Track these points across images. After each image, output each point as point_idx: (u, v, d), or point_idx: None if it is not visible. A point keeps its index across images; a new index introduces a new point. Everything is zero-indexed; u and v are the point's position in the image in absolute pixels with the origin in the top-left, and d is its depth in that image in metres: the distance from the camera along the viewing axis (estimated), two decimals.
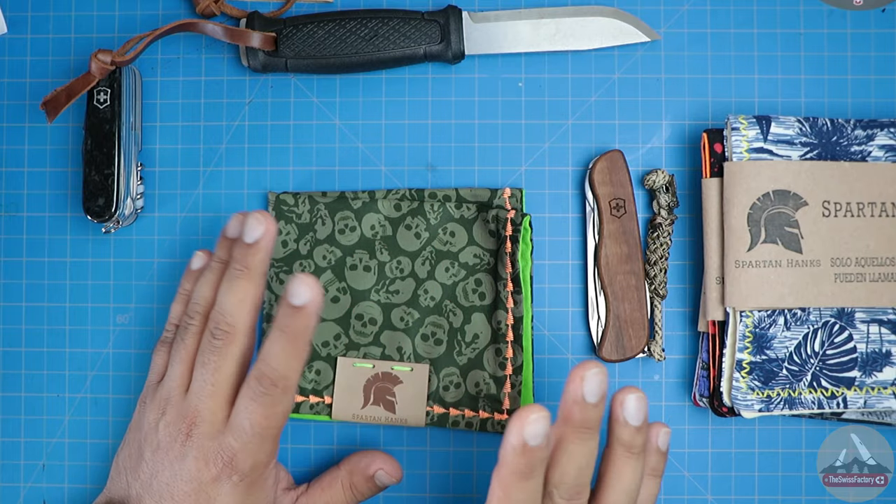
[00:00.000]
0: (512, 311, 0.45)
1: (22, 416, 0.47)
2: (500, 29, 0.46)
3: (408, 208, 0.46)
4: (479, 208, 0.46)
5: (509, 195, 0.46)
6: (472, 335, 0.46)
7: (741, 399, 0.43)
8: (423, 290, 0.46)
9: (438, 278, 0.46)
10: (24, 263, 0.47)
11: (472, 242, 0.46)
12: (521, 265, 0.45)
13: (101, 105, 0.45)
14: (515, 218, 0.45)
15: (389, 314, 0.46)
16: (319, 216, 0.46)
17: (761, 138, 0.43)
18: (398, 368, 0.45)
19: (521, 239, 0.45)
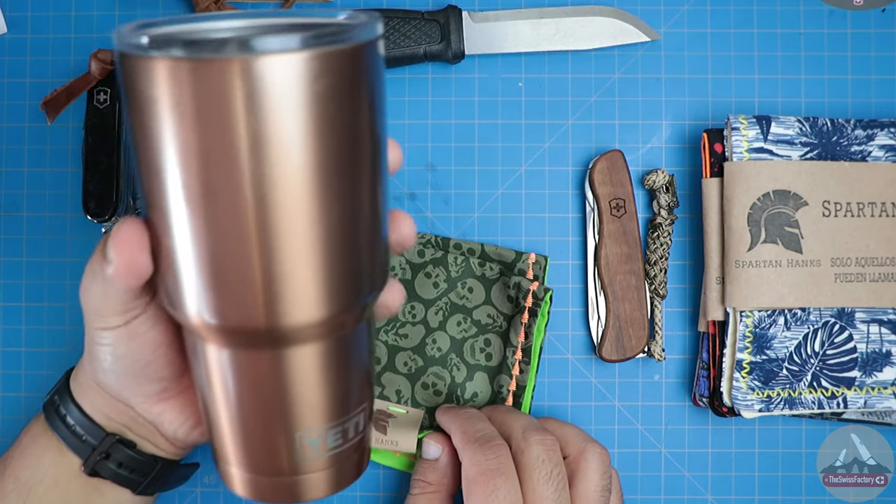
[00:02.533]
0: (516, 378, 0.45)
1: (22, 416, 0.47)
2: (500, 29, 0.46)
3: (430, 256, 0.46)
4: (502, 270, 0.46)
5: (533, 261, 0.45)
6: (472, 393, 0.45)
7: (741, 399, 0.43)
8: (432, 340, 0.45)
9: (449, 331, 0.45)
10: (24, 263, 0.47)
11: (488, 302, 0.46)
12: (534, 337, 0.45)
13: (101, 105, 0.45)
14: (538, 291, 0.44)
15: (395, 357, 0.46)
16: None
17: (761, 138, 0.43)
18: (393, 409, 0.45)
19: (539, 312, 0.44)
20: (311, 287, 0.25)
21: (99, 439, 0.36)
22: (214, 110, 0.22)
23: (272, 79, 0.22)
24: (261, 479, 0.30)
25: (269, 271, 0.25)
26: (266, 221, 0.24)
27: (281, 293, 0.25)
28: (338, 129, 0.24)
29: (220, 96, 0.22)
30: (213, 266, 0.25)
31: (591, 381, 0.47)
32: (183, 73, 0.22)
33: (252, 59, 0.22)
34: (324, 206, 0.25)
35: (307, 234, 0.25)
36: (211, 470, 0.47)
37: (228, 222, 0.24)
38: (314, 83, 0.23)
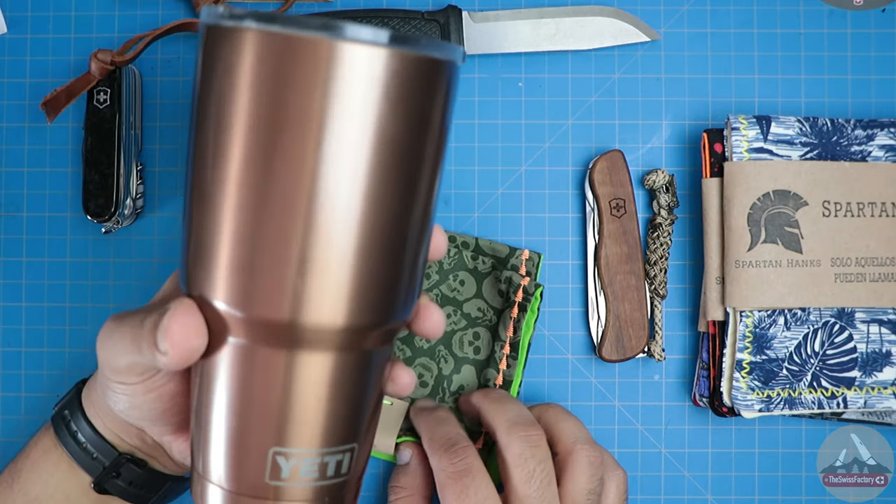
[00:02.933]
0: (503, 373, 0.44)
1: (22, 416, 0.47)
2: (500, 29, 0.46)
3: None
4: (495, 265, 0.46)
5: (527, 258, 0.45)
6: (458, 386, 0.45)
7: (741, 399, 0.43)
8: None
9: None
10: (24, 263, 0.47)
11: (479, 296, 0.46)
12: (522, 332, 0.45)
13: (101, 105, 0.45)
14: (528, 287, 0.44)
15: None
16: None
17: (761, 138, 0.43)
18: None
19: (529, 308, 0.44)
20: (341, 290, 0.25)
21: (110, 458, 0.36)
22: (293, 86, 0.23)
23: (354, 66, 0.23)
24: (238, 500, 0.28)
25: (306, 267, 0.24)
26: (315, 207, 0.24)
27: (311, 287, 0.25)
28: (406, 136, 0.25)
29: (302, 73, 0.23)
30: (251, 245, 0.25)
31: (591, 381, 0.47)
32: (272, 44, 0.23)
33: (341, 42, 0.23)
34: (375, 208, 0.25)
35: (351, 232, 0.25)
36: None
37: (279, 200, 0.24)
38: (394, 82, 0.24)
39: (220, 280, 0.26)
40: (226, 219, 0.25)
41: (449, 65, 0.25)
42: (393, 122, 0.24)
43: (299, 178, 0.24)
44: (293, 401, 0.27)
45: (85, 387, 0.37)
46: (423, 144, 0.25)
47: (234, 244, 0.25)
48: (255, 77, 0.23)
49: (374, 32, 0.23)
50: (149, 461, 0.37)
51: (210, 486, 0.29)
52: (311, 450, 0.28)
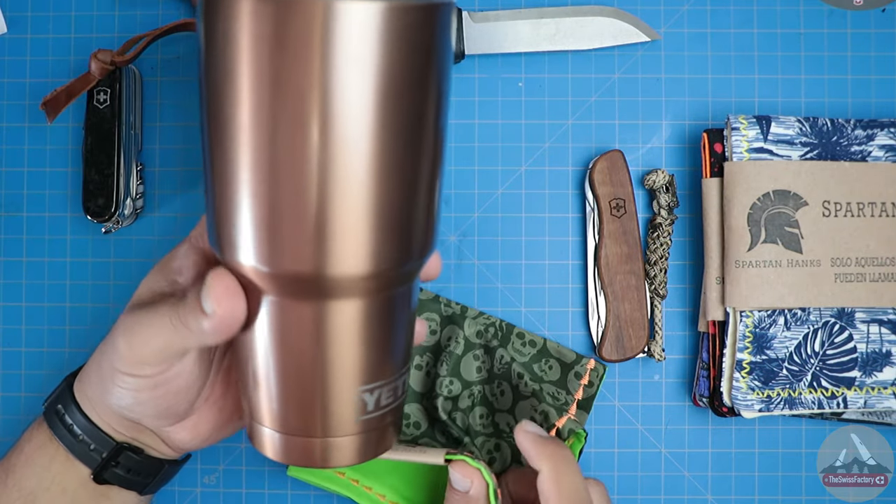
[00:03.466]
0: None
1: (22, 416, 0.47)
2: (500, 29, 0.46)
3: (487, 340, 0.45)
4: (562, 368, 0.45)
5: (592, 367, 0.45)
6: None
7: (741, 399, 0.43)
8: (452, 420, 0.44)
9: (470, 421, 0.44)
10: (24, 263, 0.47)
11: (511, 412, 0.44)
12: None
13: (101, 105, 0.45)
14: (562, 429, 0.43)
15: (433, 426, 0.45)
16: None
17: (761, 138, 0.43)
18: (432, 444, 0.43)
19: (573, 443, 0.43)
20: (362, 240, 0.26)
21: (108, 448, 0.36)
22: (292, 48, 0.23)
23: (351, 23, 0.23)
24: (290, 440, 0.30)
25: (324, 218, 0.25)
26: (328, 166, 0.25)
27: (333, 242, 0.26)
28: (409, 85, 0.25)
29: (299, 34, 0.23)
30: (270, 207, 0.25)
31: None
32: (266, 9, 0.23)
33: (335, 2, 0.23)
34: (386, 160, 0.25)
35: (366, 185, 0.25)
36: (211, 470, 0.47)
37: (292, 162, 0.25)
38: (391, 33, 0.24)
39: (246, 240, 0.27)
40: (243, 182, 0.26)
41: (442, 7, 0.26)
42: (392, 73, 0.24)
43: (307, 135, 0.24)
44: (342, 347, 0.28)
45: (76, 381, 0.37)
46: (425, 89, 0.26)
47: (254, 205, 0.26)
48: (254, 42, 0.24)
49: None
50: (145, 448, 0.37)
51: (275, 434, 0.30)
52: (368, 385, 0.29)
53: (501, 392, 0.45)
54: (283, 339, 0.28)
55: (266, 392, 0.30)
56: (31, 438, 0.37)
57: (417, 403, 0.45)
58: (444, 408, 0.44)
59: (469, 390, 0.45)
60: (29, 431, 0.38)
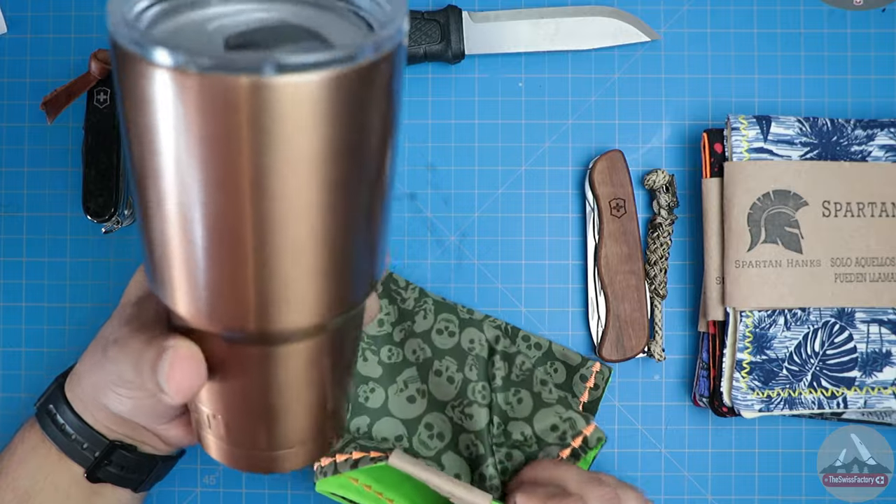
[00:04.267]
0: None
1: (22, 416, 0.47)
2: (500, 29, 0.46)
3: (502, 348, 0.45)
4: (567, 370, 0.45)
5: (597, 370, 0.45)
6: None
7: (741, 399, 0.43)
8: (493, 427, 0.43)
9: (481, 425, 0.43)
10: (24, 263, 0.47)
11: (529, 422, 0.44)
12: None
13: (101, 105, 0.45)
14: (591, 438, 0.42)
15: (458, 437, 0.44)
16: (424, 309, 0.45)
17: (761, 138, 0.43)
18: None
19: (583, 459, 0.42)
20: (304, 297, 0.25)
21: (101, 447, 0.36)
22: (216, 126, 0.21)
23: (283, 102, 0.20)
24: (237, 451, 0.31)
25: (263, 282, 0.24)
26: (264, 235, 0.23)
27: (274, 302, 0.25)
28: (351, 148, 0.22)
29: (223, 114, 0.20)
30: (207, 273, 0.24)
31: None
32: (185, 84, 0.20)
33: (263, 80, 0.20)
34: (325, 225, 0.24)
35: (305, 251, 0.24)
36: (211, 470, 0.47)
37: (224, 233, 0.23)
38: (328, 105, 0.21)
39: (183, 302, 0.25)
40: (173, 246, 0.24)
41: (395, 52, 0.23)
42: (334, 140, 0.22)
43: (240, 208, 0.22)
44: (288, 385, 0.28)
45: (67, 381, 0.37)
46: (373, 146, 0.24)
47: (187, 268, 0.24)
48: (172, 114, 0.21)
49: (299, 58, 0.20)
50: (139, 446, 0.37)
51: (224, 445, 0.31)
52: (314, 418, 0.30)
53: (519, 400, 0.44)
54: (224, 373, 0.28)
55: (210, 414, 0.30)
56: (23, 439, 0.37)
57: (440, 413, 0.44)
58: (477, 416, 0.43)
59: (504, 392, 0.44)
60: (21, 432, 0.38)
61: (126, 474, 0.37)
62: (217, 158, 0.21)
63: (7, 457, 0.37)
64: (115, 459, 0.36)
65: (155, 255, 0.25)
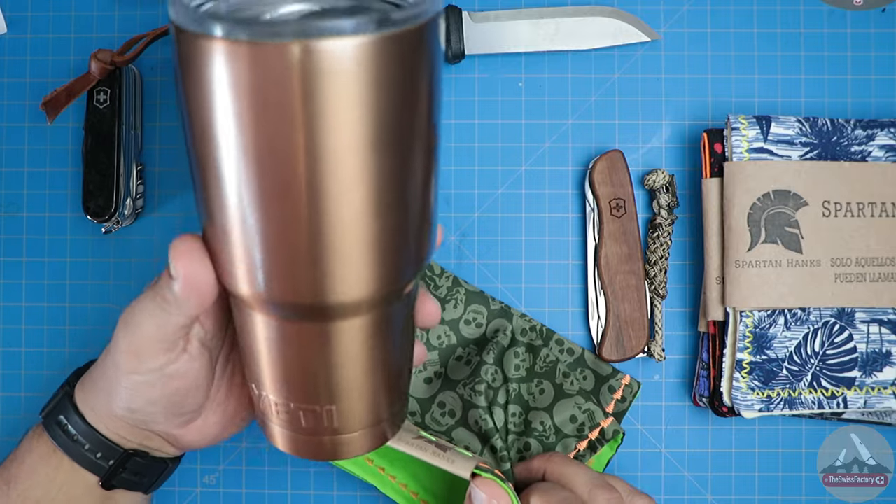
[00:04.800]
0: None
1: (22, 416, 0.47)
2: (500, 29, 0.46)
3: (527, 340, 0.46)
4: (596, 379, 0.46)
5: (627, 383, 0.45)
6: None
7: (741, 399, 0.43)
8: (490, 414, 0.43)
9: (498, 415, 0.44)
10: (24, 263, 0.47)
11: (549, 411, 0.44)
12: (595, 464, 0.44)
13: (101, 105, 0.45)
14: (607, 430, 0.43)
15: (467, 413, 0.44)
16: (455, 298, 0.46)
17: (761, 138, 0.43)
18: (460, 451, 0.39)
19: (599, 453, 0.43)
20: (357, 268, 0.26)
21: (114, 456, 0.36)
22: (271, 92, 0.22)
23: (331, 63, 0.22)
24: (301, 437, 0.31)
25: (319, 252, 0.25)
26: (318, 203, 0.24)
27: (329, 273, 0.25)
28: (396, 114, 0.24)
29: (276, 79, 0.22)
30: (266, 247, 0.25)
31: None
32: (241, 54, 0.22)
33: (310, 42, 0.21)
34: (377, 190, 0.24)
35: (358, 218, 0.25)
36: (211, 470, 0.47)
37: (282, 202, 0.24)
38: (373, 68, 0.23)
39: (241, 273, 0.26)
40: (234, 220, 0.25)
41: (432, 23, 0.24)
42: (380, 104, 0.23)
43: (296, 175, 0.24)
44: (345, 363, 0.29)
45: (78, 390, 0.37)
46: (417, 113, 0.25)
47: (246, 240, 0.25)
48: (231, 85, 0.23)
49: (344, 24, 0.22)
50: (151, 451, 0.37)
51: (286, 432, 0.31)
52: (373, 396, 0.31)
53: (541, 391, 0.45)
54: (284, 355, 0.29)
55: (275, 401, 0.30)
56: (31, 449, 0.37)
57: (453, 391, 0.45)
58: (486, 395, 0.43)
59: (506, 386, 0.44)
60: (28, 442, 0.37)
61: (139, 479, 0.38)
62: (272, 125, 0.23)
63: (15, 467, 0.37)
64: (130, 466, 0.37)
65: (216, 237, 0.26)
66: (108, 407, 0.35)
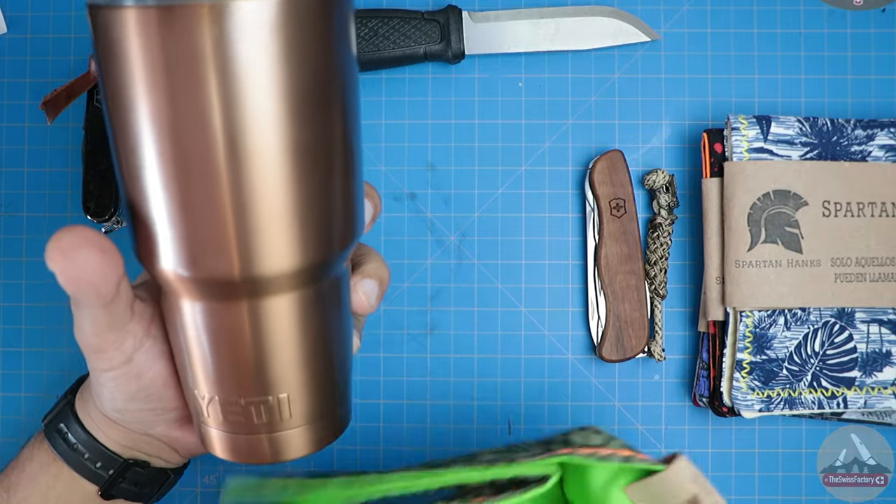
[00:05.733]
0: None
1: (22, 416, 0.47)
2: (500, 29, 0.46)
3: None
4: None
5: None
6: None
7: (741, 399, 0.43)
8: None
9: None
10: (24, 263, 0.47)
11: None
12: None
13: (101, 105, 0.45)
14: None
15: None
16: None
17: (761, 138, 0.43)
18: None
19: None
20: (283, 237, 0.25)
21: (114, 466, 0.36)
22: (183, 56, 0.22)
23: (242, 24, 0.22)
24: (238, 438, 0.30)
25: (242, 221, 0.25)
26: (238, 170, 0.24)
27: (254, 242, 0.25)
28: (310, 69, 0.24)
29: (187, 42, 0.22)
30: (186, 218, 0.25)
31: (591, 381, 0.47)
32: (150, 20, 0.22)
33: (221, 4, 0.22)
34: (296, 152, 0.24)
35: (280, 183, 0.24)
36: (211, 469, 0.47)
37: (200, 172, 0.24)
38: (286, 24, 0.23)
39: (164, 247, 0.26)
40: (153, 192, 0.25)
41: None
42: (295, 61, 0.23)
43: (213, 142, 0.23)
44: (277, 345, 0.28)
45: (78, 399, 0.36)
46: (333, 69, 0.25)
47: (171, 216, 0.25)
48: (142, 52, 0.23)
49: None
50: (152, 461, 0.37)
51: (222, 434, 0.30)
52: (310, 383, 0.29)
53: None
54: (214, 341, 0.28)
55: (213, 398, 0.29)
56: (31, 457, 0.37)
57: None
58: None
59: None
60: (29, 449, 0.37)
61: (140, 490, 0.37)
62: (188, 88, 0.23)
63: (16, 474, 0.37)
64: (130, 476, 0.36)
65: (137, 213, 0.26)
66: (99, 411, 0.34)
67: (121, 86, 0.24)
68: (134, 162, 0.25)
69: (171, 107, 0.23)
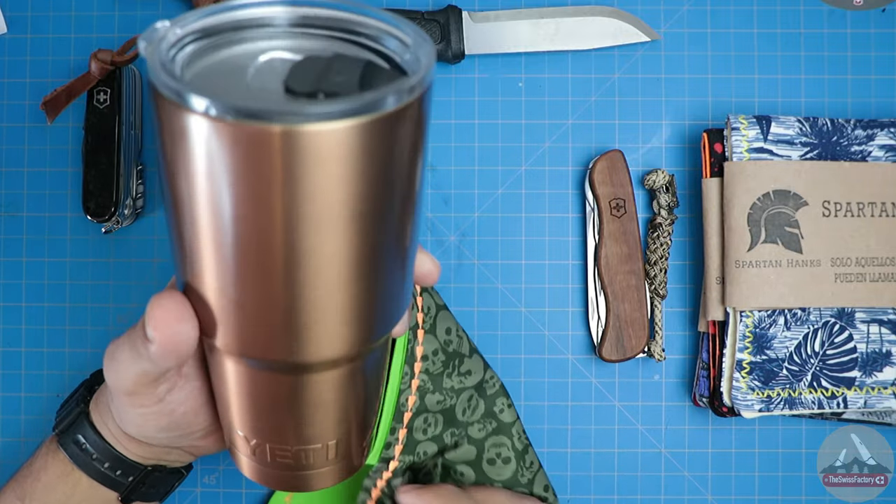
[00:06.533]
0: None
1: (22, 416, 0.47)
2: (500, 29, 0.46)
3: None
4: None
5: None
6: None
7: (741, 399, 0.43)
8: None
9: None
10: (24, 263, 0.47)
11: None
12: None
13: (101, 105, 0.45)
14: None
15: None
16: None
17: (761, 138, 0.43)
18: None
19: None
20: (334, 332, 0.26)
21: (134, 473, 0.36)
22: (252, 169, 0.21)
23: (314, 148, 0.21)
24: (283, 474, 0.31)
25: (293, 319, 0.25)
26: (295, 275, 0.24)
27: (303, 337, 0.25)
28: (379, 191, 0.23)
29: (257, 158, 0.21)
30: (241, 312, 0.25)
31: (591, 381, 0.47)
32: (222, 132, 0.21)
33: (294, 128, 0.20)
34: (354, 262, 0.24)
35: (337, 289, 0.24)
36: (211, 470, 0.47)
37: (257, 274, 0.24)
38: (358, 151, 0.21)
39: (219, 329, 0.26)
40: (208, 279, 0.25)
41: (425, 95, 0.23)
42: (364, 180, 0.22)
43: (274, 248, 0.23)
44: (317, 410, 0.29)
45: (93, 410, 0.36)
46: (401, 184, 0.24)
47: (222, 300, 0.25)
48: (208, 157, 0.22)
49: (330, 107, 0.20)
50: (169, 464, 0.37)
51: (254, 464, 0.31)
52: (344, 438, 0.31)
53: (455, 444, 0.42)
54: (256, 400, 0.29)
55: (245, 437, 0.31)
56: (46, 466, 0.37)
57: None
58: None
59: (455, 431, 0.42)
60: (43, 458, 0.37)
61: (156, 491, 0.38)
62: (252, 200, 0.22)
63: (30, 483, 0.37)
64: (148, 481, 0.37)
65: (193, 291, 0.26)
66: (122, 431, 0.34)
67: (185, 178, 0.23)
68: (195, 251, 0.24)
69: (234, 214, 0.22)
